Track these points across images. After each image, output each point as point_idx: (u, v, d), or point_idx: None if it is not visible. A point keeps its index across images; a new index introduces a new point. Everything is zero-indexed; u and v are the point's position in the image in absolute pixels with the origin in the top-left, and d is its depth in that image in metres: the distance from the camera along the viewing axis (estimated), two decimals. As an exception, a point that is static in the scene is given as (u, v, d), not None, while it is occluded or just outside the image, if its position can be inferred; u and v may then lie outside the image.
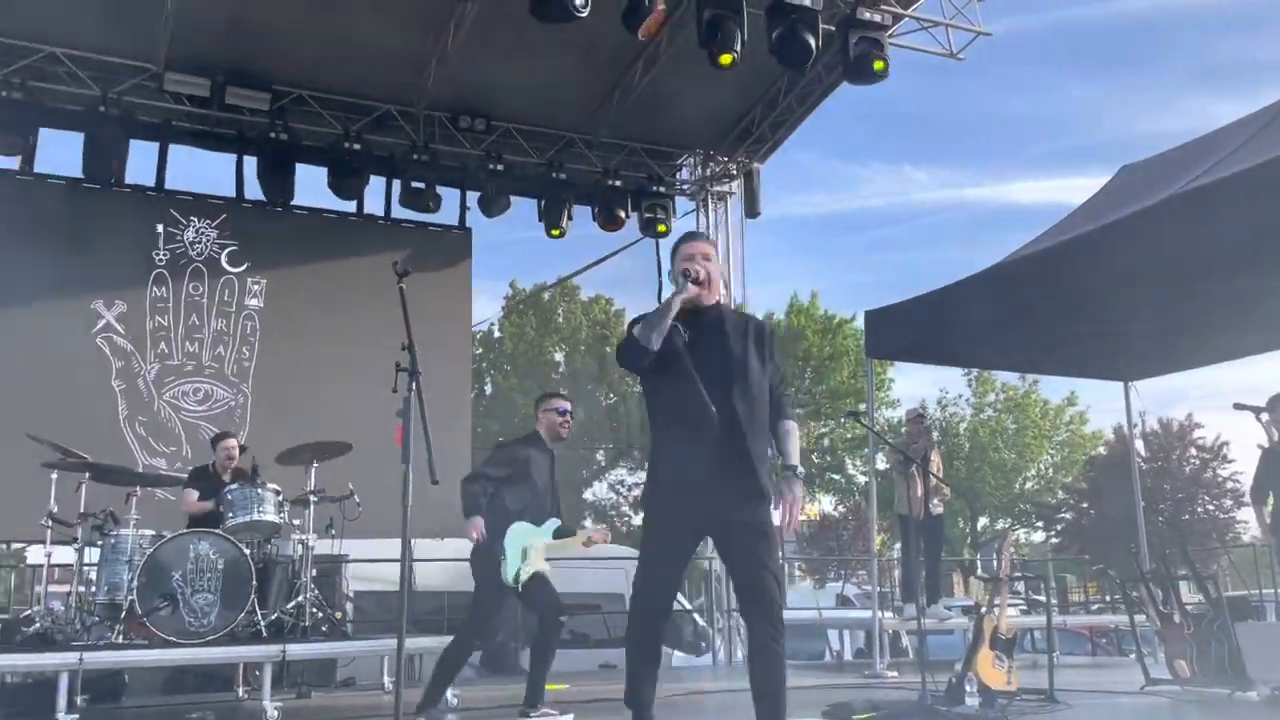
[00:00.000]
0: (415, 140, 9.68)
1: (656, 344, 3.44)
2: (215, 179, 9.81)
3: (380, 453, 8.21)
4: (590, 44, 8.52)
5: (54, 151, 8.78)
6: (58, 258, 8.59)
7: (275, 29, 8.52)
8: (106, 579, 5.96)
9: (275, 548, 6.62)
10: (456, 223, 10.39)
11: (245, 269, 9.33)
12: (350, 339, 9.46)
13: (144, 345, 8.81)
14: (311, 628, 6.29)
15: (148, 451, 8.52)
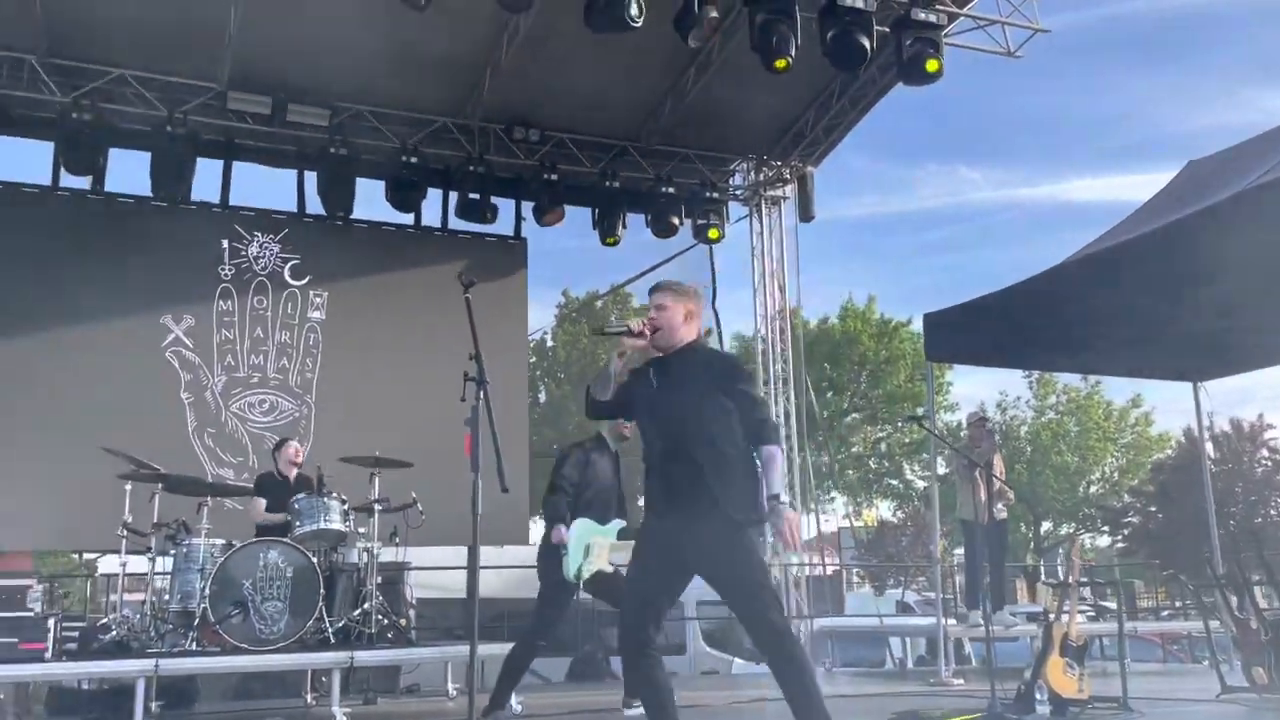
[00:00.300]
0: (470, 152, 9.80)
1: (604, 395, 3.89)
2: (277, 194, 10.01)
3: (441, 461, 8.34)
4: (642, 51, 8.55)
5: (123, 171, 9.05)
6: (128, 274, 8.86)
7: (333, 47, 8.67)
8: (180, 587, 6.09)
9: (341, 555, 6.72)
10: (511, 233, 10.49)
11: (307, 282, 9.51)
12: (410, 349, 9.61)
13: (211, 358, 9.03)
14: (377, 635, 6.37)
15: (216, 462, 8.72)
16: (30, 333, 8.43)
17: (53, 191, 8.83)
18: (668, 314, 3.84)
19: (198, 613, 5.88)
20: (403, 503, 6.86)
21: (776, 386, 11.07)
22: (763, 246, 11.29)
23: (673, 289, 3.96)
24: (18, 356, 8.40)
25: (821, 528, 11.80)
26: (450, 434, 9.11)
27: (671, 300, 3.88)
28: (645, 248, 11.37)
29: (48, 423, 8.27)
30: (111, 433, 7.61)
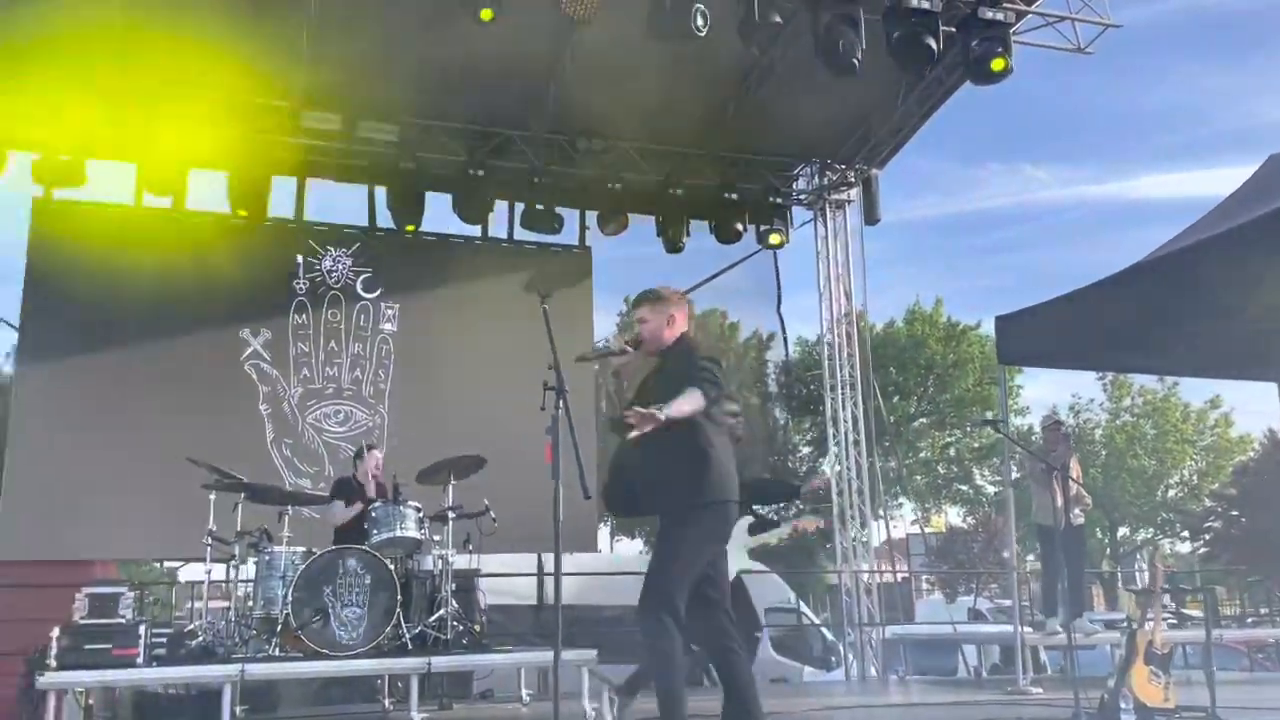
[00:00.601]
0: (535, 163, 9.92)
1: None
2: (349, 209, 10.22)
3: (513, 468, 8.44)
4: (705, 58, 8.55)
5: (203, 189, 9.31)
6: (207, 289, 9.13)
7: (402, 63, 8.85)
8: (263, 594, 6.26)
9: (416, 562, 6.84)
10: (576, 242, 10.58)
11: (379, 294, 9.70)
12: (480, 358, 9.74)
13: (288, 370, 9.25)
14: (453, 641, 6.47)
15: (294, 472, 8.93)
16: (117, 348, 8.73)
17: (135, 209, 9.13)
18: (650, 325, 4.24)
19: (280, 619, 6.04)
20: (476, 510, 6.97)
21: (844, 391, 10.99)
22: (827, 250, 11.22)
23: (650, 301, 4.30)
24: (106, 372, 8.70)
25: (890, 534, 11.63)
26: (519, 442, 9.23)
27: (650, 312, 4.26)
28: (709, 254, 11.38)
29: (134, 435, 8.54)
30: (194, 444, 7.82)
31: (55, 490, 8.33)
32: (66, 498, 8.29)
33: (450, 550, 6.75)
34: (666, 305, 4.25)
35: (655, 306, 4.24)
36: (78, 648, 5.41)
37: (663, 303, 4.26)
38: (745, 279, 11.92)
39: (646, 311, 4.26)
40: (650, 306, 4.25)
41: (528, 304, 10.00)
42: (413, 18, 8.25)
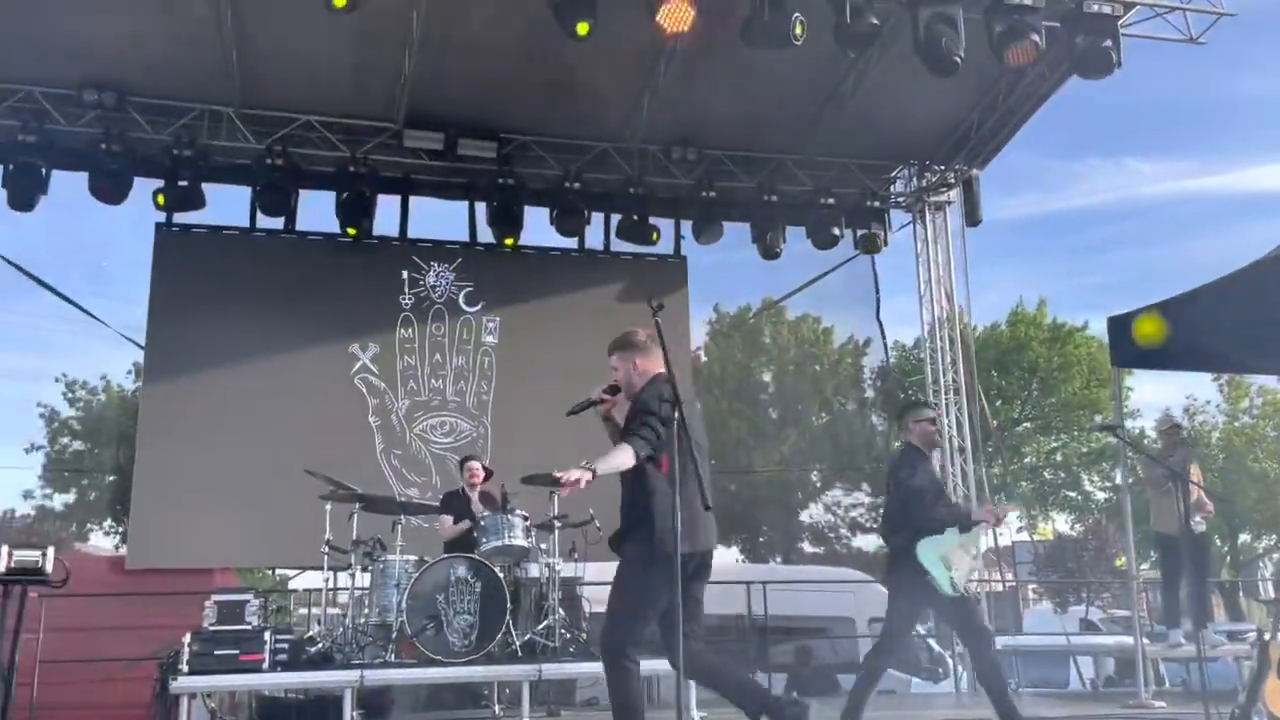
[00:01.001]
0: (630, 174, 10.01)
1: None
2: (451, 225, 10.47)
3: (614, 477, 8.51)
4: (799, 63, 8.51)
5: (312, 210, 9.65)
6: (318, 306, 9.46)
7: (500, 81, 9.04)
8: (378, 601, 6.43)
9: (524, 571, 6.95)
10: (672, 251, 10.62)
11: (480, 308, 9.91)
12: (578, 368, 9.78)
13: (395, 383, 9.52)
14: (560, 648, 6.55)
15: (402, 482, 9.17)
16: (235, 364, 9.10)
17: (250, 233, 9.52)
18: (620, 372, 4.43)
19: (395, 626, 6.20)
20: (581, 519, 7.04)
21: (947, 396, 10.78)
22: (927, 253, 11.03)
23: (617, 349, 4.46)
24: (225, 388, 9.07)
25: (996, 541, 11.34)
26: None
27: (619, 360, 4.44)
28: (805, 259, 11.30)
29: (253, 448, 8.88)
30: (308, 455, 8.10)
31: (180, 502, 8.72)
32: (190, 509, 8.67)
33: (557, 559, 6.85)
34: (632, 352, 4.42)
35: (622, 354, 4.43)
36: (208, 653, 5.64)
37: (628, 350, 4.43)
38: (841, 284, 11.81)
39: (615, 360, 4.44)
40: (618, 355, 4.44)
41: (624, 314, 10.18)
42: (510, 36, 8.41)
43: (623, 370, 4.40)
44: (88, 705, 7.65)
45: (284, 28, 8.13)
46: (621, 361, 4.42)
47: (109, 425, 22.39)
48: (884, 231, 10.73)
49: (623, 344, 4.46)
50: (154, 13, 7.84)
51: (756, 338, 30.08)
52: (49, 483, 22.95)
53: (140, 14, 7.81)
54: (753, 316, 28.55)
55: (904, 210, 11.21)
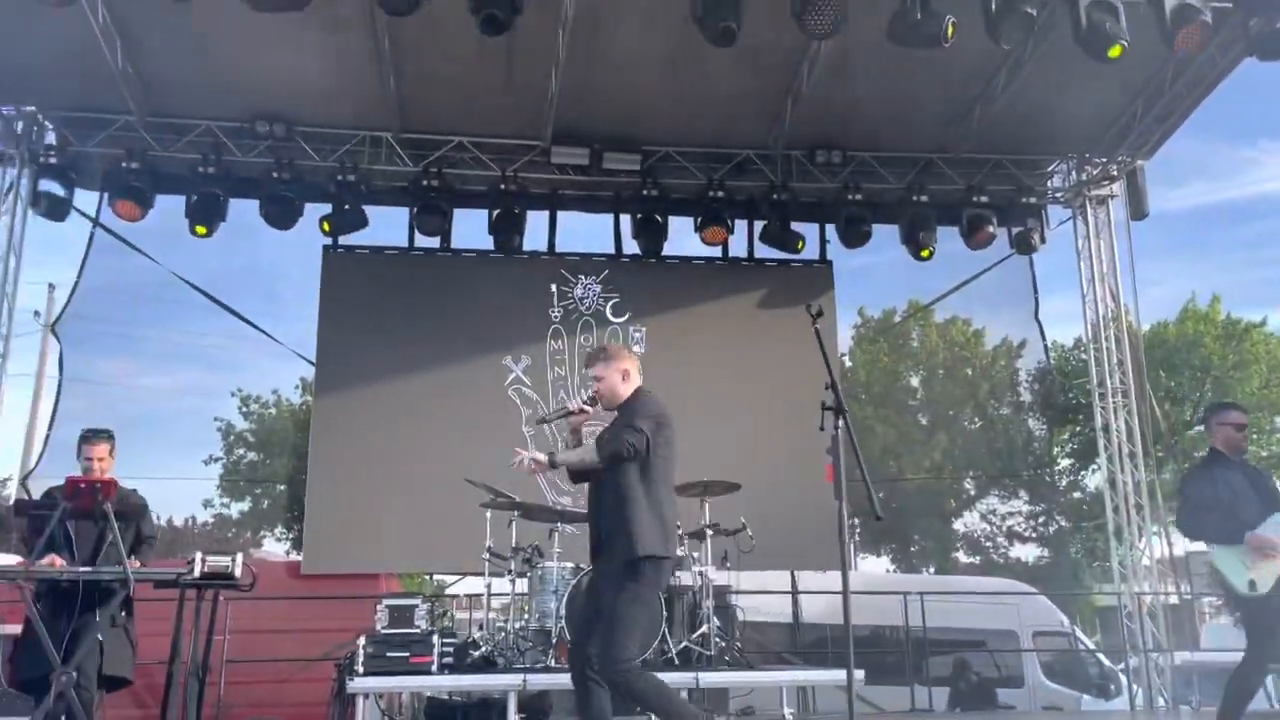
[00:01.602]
0: (774, 180, 9.95)
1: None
2: (597, 238, 10.66)
3: (767, 486, 8.48)
4: (948, 60, 8.29)
5: (466, 228, 10.00)
6: (473, 321, 9.80)
7: (642, 94, 9.15)
8: (537, 607, 6.61)
9: (676, 579, 6.98)
10: (817, 257, 10.49)
11: (627, 318, 10.03)
12: (726, 377, 9.86)
13: (546, 394, 9.74)
14: (715, 657, 6.56)
15: (556, 491, 9.35)
16: (397, 377, 9.51)
17: (409, 252, 9.93)
18: (605, 382, 4.41)
19: (555, 631, 6.34)
20: (733, 528, 7.04)
21: (1114, 399, 10.25)
22: (1089, 249, 10.53)
23: (603, 358, 4.43)
24: (387, 399, 9.49)
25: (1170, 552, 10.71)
26: (772, 458, 9.30)
27: (604, 369, 4.41)
28: (955, 260, 10.97)
29: (415, 457, 9.26)
30: (467, 464, 8.39)
31: (349, 510, 9.16)
32: (359, 516, 9.10)
33: (709, 567, 6.86)
34: (619, 361, 4.42)
35: (608, 364, 4.40)
36: (380, 655, 5.91)
37: (615, 359, 4.43)
38: (994, 284, 11.39)
39: (600, 369, 4.41)
40: (604, 364, 4.41)
41: (770, 321, 10.15)
42: (653, 49, 8.50)
43: (608, 381, 4.39)
44: (267, 703, 8.11)
45: (437, 53, 8.45)
46: (608, 370, 4.40)
47: (280, 437, 23.74)
48: (1041, 228, 10.30)
49: (609, 354, 4.46)
50: (319, 47, 8.28)
51: (903, 341, 29.36)
52: (226, 492, 24.46)
53: (306, 49, 8.25)
54: (899, 320, 27.90)
55: (1063, 206, 10.73)
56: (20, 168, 9.10)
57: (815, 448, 9.35)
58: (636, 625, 4.08)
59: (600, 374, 4.42)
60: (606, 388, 4.41)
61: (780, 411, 9.62)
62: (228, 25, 7.65)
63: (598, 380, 4.41)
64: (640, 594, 4.11)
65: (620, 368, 4.42)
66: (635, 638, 4.09)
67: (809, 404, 10.03)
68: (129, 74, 8.54)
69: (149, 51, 8.42)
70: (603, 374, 4.41)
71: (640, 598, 4.11)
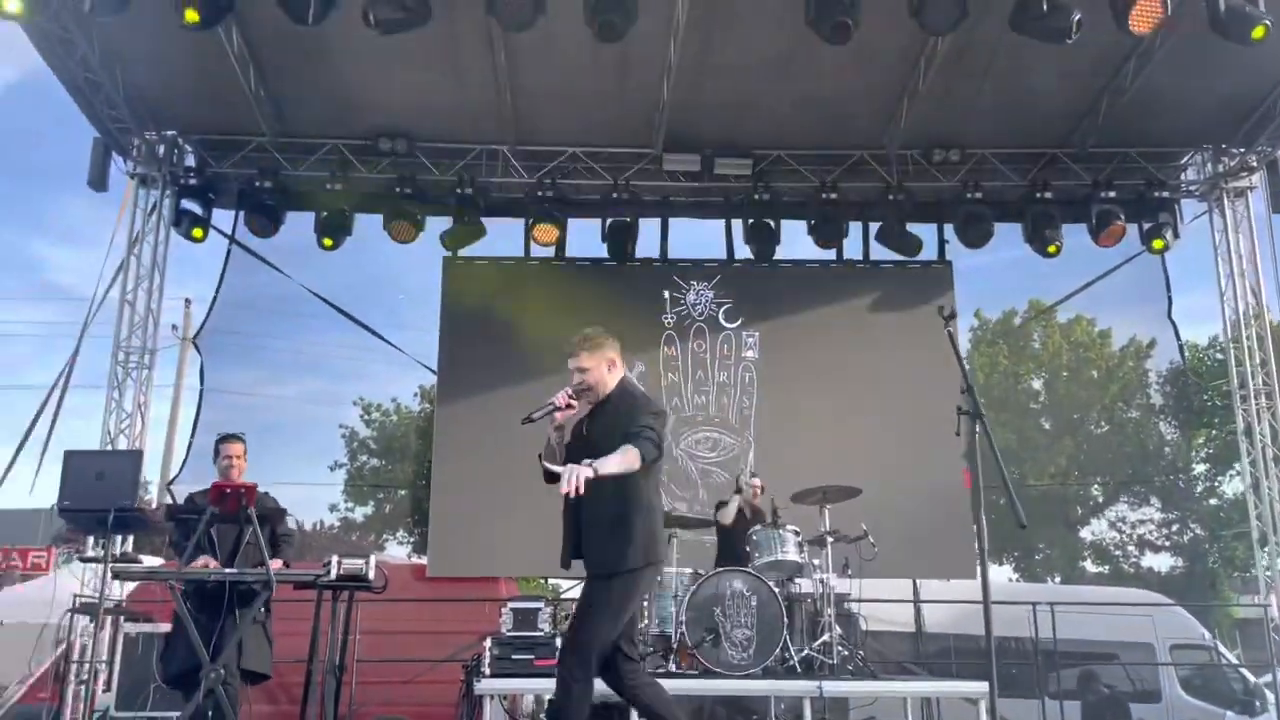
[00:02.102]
0: (889, 181, 9.78)
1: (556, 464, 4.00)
2: (709, 244, 10.66)
3: (888, 492, 8.34)
4: (1072, 52, 8.01)
5: (579, 237, 10.14)
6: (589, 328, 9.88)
7: (753, 98, 9.11)
8: (656, 613, 6.64)
9: (797, 586, 6.92)
10: (935, 257, 10.26)
11: (740, 323, 10.00)
12: (841, 381, 9.74)
13: (660, 400, 9.75)
14: (838, 666, 6.47)
15: (670, 496, 9.38)
16: (516, 385, 9.64)
17: (525, 261, 10.12)
18: (591, 373, 4.14)
19: (675, 636, 6.36)
20: (855, 534, 6.94)
21: (1257, 401, 9.71)
22: (1228, 244, 10.01)
23: (588, 348, 4.15)
24: (507, 406, 9.62)
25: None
26: (892, 464, 9.14)
27: (590, 359, 4.14)
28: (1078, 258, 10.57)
29: (532, 464, 9.34)
30: (583, 471, 8.51)
31: (471, 515, 9.38)
32: (481, 522, 9.29)
33: (830, 574, 6.78)
34: (605, 349, 4.18)
35: (594, 353, 4.16)
36: (506, 657, 6.03)
37: (600, 348, 4.17)
38: (1122, 282, 10.93)
39: (586, 359, 4.15)
40: (588, 352, 4.16)
41: (887, 324, 9.97)
42: (765, 53, 8.47)
43: (596, 371, 4.14)
44: (396, 702, 8.35)
45: (551, 67, 8.59)
46: (595, 359, 4.16)
47: (400, 443, 24.48)
48: (1175, 223, 9.86)
49: (594, 342, 4.18)
50: (439, 65, 8.52)
51: (1024, 343, 28.41)
52: (350, 496, 25.33)
53: (427, 67, 8.51)
54: (1019, 321, 26.99)
55: (1197, 199, 10.23)
56: (163, 189, 9.62)
57: (938, 452, 9.26)
58: (614, 634, 3.98)
59: (586, 365, 4.15)
60: (594, 379, 4.15)
61: (899, 416, 9.46)
62: (352, 47, 7.96)
63: (583, 371, 4.14)
64: (632, 602, 4.05)
65: (607, 357, 4.18)
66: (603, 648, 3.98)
67: (929, 408, 9.91)
68: (261, 97, 8.95)
69: (279, 75, 8.81)
70: (589, 365, 4.15)
71: (630, 605, 4.04)
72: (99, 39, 8.18)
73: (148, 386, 9.47)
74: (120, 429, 8.99)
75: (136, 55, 8.48)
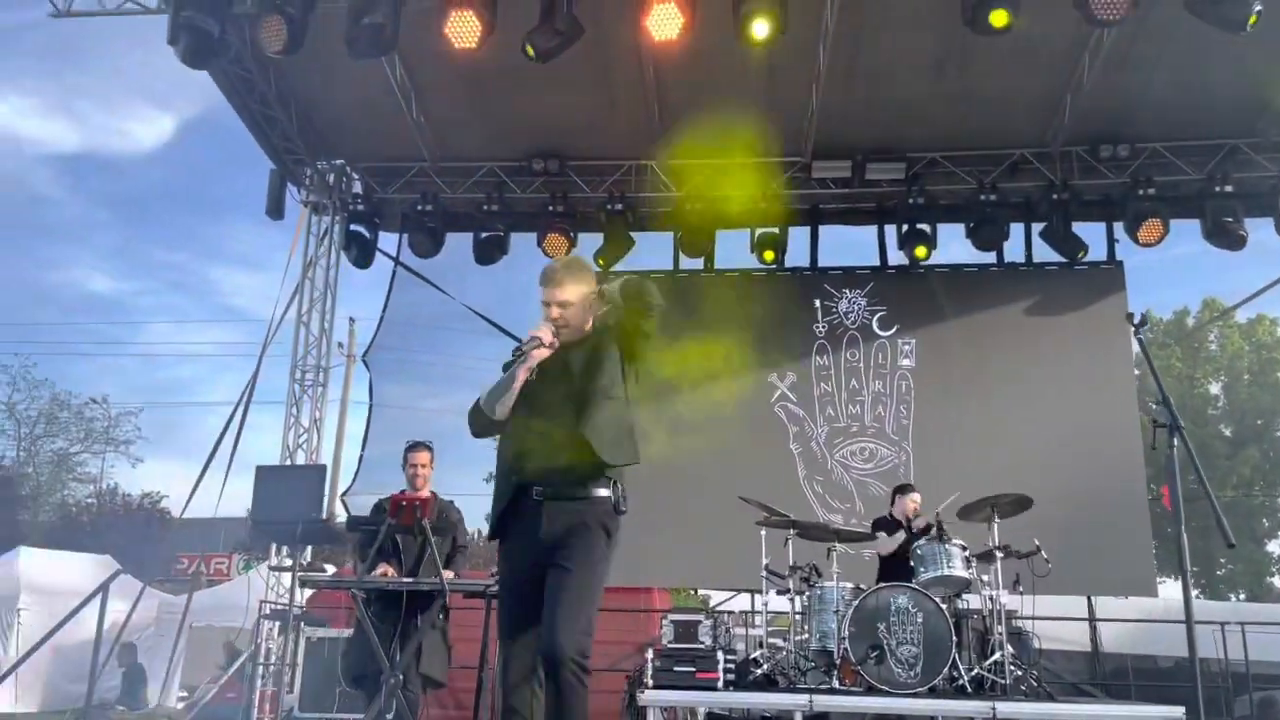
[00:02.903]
0: (1053, 179, 9.39)
1: (503, 413, 3.35)
2: (860, 250, 10.46)
3: (1059, 504, 7.97)
4: (1249, 37, 7.48)
5: (727, 247, 10.13)
6: (738, 338, 9.82)
7: (906, 101, 8.93)
8: (817, 627, 6.53)
9: (965, 602, 6.70)
10: (1104, 257, 9.77)
11: (895, 331, 9.76)
12: (1005, 389, 9.38)
13: (813, 410, 9.64)
14: (1010, 686, 6.21)
15: (826, 508, 9.25)
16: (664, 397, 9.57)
17: (675, 274, 10.17)
18: (576, 306, 3.41)
19: (837, 652, 6.24)
20: (1026, 549, 6.66)
21: None
22: None
23: (572, 274, 3.44)
24: (656, 419, 9.59)
25: None
26: (1062, 475, 8.73)
27: (574, 289, 3.41)
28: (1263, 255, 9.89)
29: (684, 475, 9.37)
30: (735, 482, 8.47)
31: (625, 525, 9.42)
32: (634, 532, 9.26)
33: (1000, 591, 6.52)
34: (588, 278, 3.46)
35: (579, 281, 3.43)
36: (668, 669, 6.05)
37: (584, 275, 3.47)
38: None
39: (572, 291, 3.41)
40: (574, 280, 3.42)
41: (1053, 329, 9.55)
42: (918, 55, 8.29)
43: (580, 303, 3.41)
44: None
45: (698, 80, 8.63)
46: (578, 288, 3.42)
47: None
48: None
49: (579, 271, 3.47)
50: (590, 85, 8.70)
51: (1199, 345, 26.73)
52: (504, 506, 25.99)
53: (579, 88, 8.69)
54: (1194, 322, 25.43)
55: None
56: (333, 216, 10.15)
57: (1112, 463, 8.80)
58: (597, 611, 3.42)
59: (571, 298, 3.40)
60: (576, 312, 3.42)
61: (1068, 424, 9.06)
62: (507, 72, 8.19)
63: (563, 306, 3.39)
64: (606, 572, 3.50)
65: (591, 290, 3.47)
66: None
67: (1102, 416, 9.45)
68: (421, 124, 9.34)
69: (438, 102, 9.18)
70: (572, 298, 3.41)
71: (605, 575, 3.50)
72: (275, 77, 8.72)
73: (322, 402, 9.99)
74: (298, 443, 9.50)
75: (308, 90, 9.01)
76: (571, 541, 3.31)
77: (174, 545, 23.80)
